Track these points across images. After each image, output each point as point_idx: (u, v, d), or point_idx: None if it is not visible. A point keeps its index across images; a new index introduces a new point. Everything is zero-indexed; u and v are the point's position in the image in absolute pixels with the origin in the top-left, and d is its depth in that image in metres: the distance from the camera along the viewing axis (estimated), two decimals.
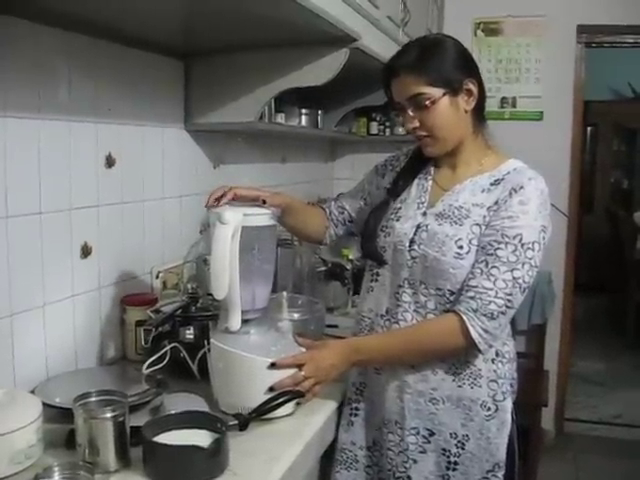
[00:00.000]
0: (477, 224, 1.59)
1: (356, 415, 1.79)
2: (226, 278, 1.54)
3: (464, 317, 1.52)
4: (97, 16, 1.72)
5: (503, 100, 3.96)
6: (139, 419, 1.44)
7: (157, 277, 2.24)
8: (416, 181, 1.77)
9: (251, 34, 2.04)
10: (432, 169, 1.77)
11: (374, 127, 3.86)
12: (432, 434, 1.66)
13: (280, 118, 2.70)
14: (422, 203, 1.72)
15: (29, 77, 1.67)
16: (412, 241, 1.66)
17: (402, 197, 1.77)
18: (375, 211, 1.81)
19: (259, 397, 1.53)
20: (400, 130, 3.83)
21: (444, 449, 1.65)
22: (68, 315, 1.86)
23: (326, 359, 1.60)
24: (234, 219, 1.54)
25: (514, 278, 1.51)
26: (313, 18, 1.78)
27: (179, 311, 1.92)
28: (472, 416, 1.63)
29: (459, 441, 1.64)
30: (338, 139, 3.93)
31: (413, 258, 1.65)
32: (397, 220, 1.72)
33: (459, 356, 1.62)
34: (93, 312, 1.96)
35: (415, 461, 1.67)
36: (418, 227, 1.67)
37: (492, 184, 1.63)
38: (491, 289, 1.51)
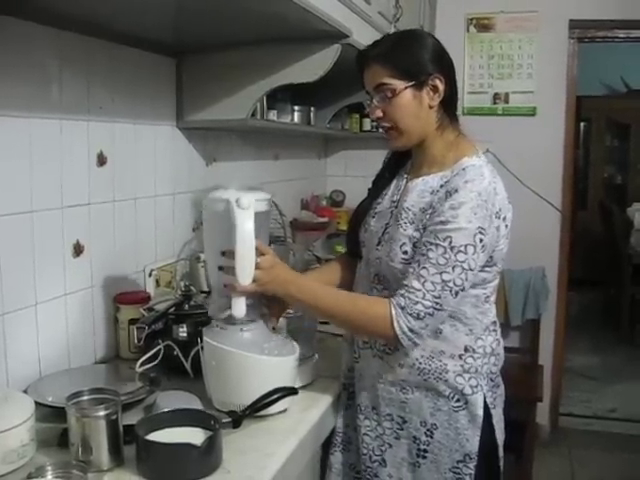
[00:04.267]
0: (417, 229, 1.60)
1: (352, 399, 1.82)
2: (252, 263, 1.53)
3: (393, 311, 1.51)
4: (89, 14, 1.72)
5: (496, 96, 3.96)
6: (132, 417, 1.45)
7: (150, 275, 2.23)
8: (396, 178, 1.79)
9: (243, 31, 2.04)
10: (409, 168, 1.78)
11: (367, 124, 3.85)
12: (404, 421, 1.68)
13: (272, 115, 2.69)
14: (394, 202, 1.73)
15: (19, 75, 1.66)
16: (379, 241, 1.70)
17: (383, 193, 1.80)
18: (359, 207, 1.85)
19: (252, 394, 1.53)
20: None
21: (415, 437, 1.67)
22: (60, 314, 1.85)
23: (280, 268, 1.61)
24: (251, 204, 1.53)
25: (443, 281, 1.50)
26: (304, 14, 1.77)
27: (172, 309, 1.92)
28: (439, 406, 1.65)
29: (428, 429, 1.66)
30: (331, 136, 3.92)
31: (378, 258, 1.69)
32: (373, 217, 1.77)
33: (389, 344, 1.64)
34: (86, 311, 1.96)
35: (390, 445, 1.70)
36: (386, 226, 1.70)
37: (442, 185, 1.61)
38: (419, 290, 1.50)
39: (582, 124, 7.46)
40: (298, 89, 2.45)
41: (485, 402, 1.66)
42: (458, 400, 1.64)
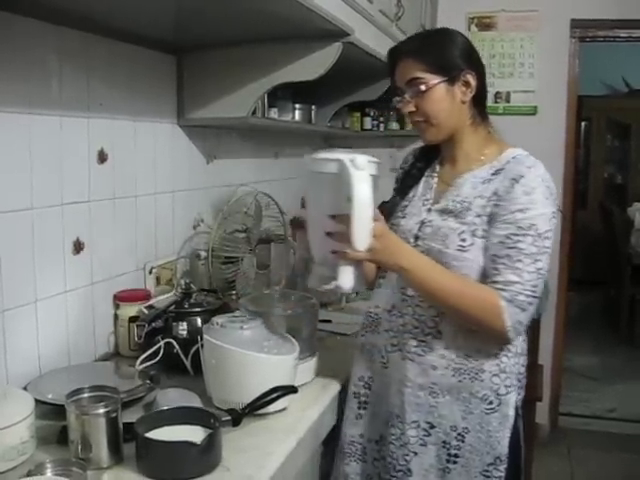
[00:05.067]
0: (478, 215, 1.59)
1: (365, 408, 1.79)
2: (369, 229, 1.46)
3: (502, 302, 1.51)
4: (89, 11, 1.72)
5: (497, 95, 3.95)
6: (132, 415, 1.44)
7: (150, 273, 2.23)
8: (423, 179, 1.79)
9: (244, 29, 2.03)
10: (437, 166, 1.79)
11: (368, 122, 3.85)
12: (432, 427, 1.65)
13: (273, 113, 2.69)
14: (427, 200, 1.74)
15: (19, 71, 1.66)
16: (416, 237, 1.68)
17: (410, 195, 1.80)
18: (383, 206, 1.80)
19: (252, 393, 1.53)
20: (394, 125, 3.83)
21: (444, 442, 1.65)
22: (61, 311, 1.85)
23: (392, 237, 1.57)
24: (367, 165, 1.44)
25: (537, 269, 1.52)
26: (306, 12, 1.77)
27: (172, 307, 1.92)
28: (472, 409, 1.63)
29: (459, 434, 1.63)
30: (331, 134, 3.91)
31: (423, 251, 1.65)
32: (403, 217, 1.76)
33: (487, 338, 1.61)
34: (86, 308, 1.95)
35: (416, 453, 1.66)
36: (422, 223, 1.69)
37: (493, 174, 1.63)
38: (518, 282, 1.51)
39: (583, 124, 7.45)
40: (299, 87, 2.44)
41: (515, 402, 1.67)
42: (491, 402, 1.63)
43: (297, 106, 2.90)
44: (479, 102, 1.70)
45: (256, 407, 1.51)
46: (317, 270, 1.58)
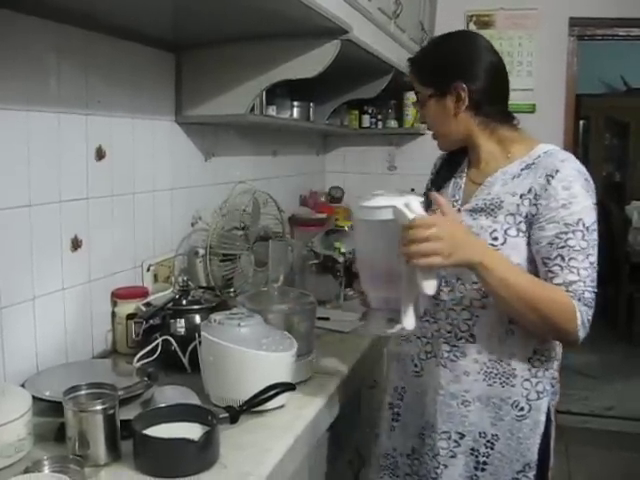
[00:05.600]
0: (511, 214, 1.56)
1: (397, 420, 1.78)
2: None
3: (574, 302, 1.46)
4: (89, 8, 1.72)
5: None
6: (130, 412, 1.44)
7: (148, 270, 2.23)
8: (452, 180, 1.76)
9: (242, 26, 2.03)
10: (465, 168, 1.76)
11: (366, 120, 3.85)
12: (462, 436, 1.63)
13: (271, 110, 2.69)
14: (457, 200, 1.70)
15: (17, 68, 1.66)
16: None
17: (441, 193, 1.74)
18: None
19: (250, 390, 1.53)
20: (392, 123, 3.84)
21: (473, 449, 1.63)
22: (58, 308, 1.85)
23: (461, 233, 1.43)
24: (419, 208, 1.39)
25: (591, 263, 1.49)
26: (304, 10, 1.77)
27: (170, 304, 1.92)
28: (502, 415, 1.60)
29: (488, 441, 1.61)
30: (330, 132, 3.92)
31: None
32: None
33: (551, 342, 1.61)
34: (83, 305, 1.95)
35: (446, 466, 1.64)
36: None
37: (523, 169, 1.59)
38: (579, 280, 1.47)
39: (581, 122, 7.45)
40: (297, 85, 2.44)
41: (548, 408, 1.63)
42: (522, 409, 1.60)
43: (295, 104, 2.90)
44: (483, 110, 1.64)
45: (254, 404, 1.51)
46: (377, 315, 1.53)
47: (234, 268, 2.35)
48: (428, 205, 1.57)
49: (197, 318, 1.88)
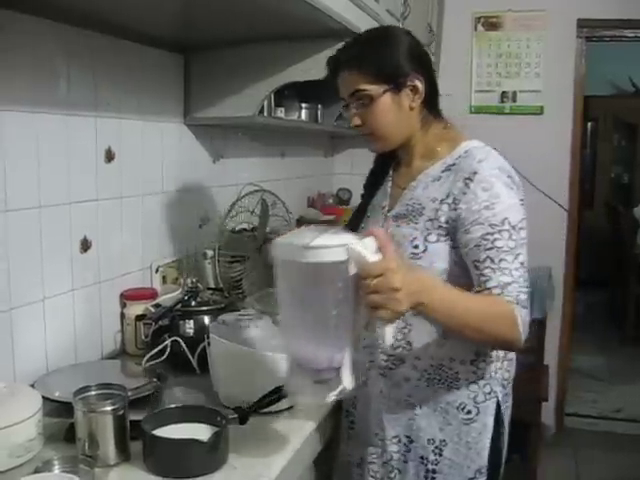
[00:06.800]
0: (430, 219, 1.51)
1: (352, 429, 1.74)
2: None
3: (512, 306, 1.38)
4: (97, 10, 1.72)
5: (503, 94, 3.95)
6: (139, 413, 1.44)
7: (157, 271, 2.24)
8: (383, 184, 1.72)
9: (251, 28, 2.03)
10: (391, 171, 1.71)
11: None
12: (412, 441, 1.58)
13: (280, 112, 2.69)
14: (383, 207, 1.67)
15: (27, 71, 1.67)
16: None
17: (372, 202, 1.74)
18: (352, 220, 1.79)
19: (259, 391, 1.53)
20: None
21: (422, 457, 1.57)
22: (68, 309, 1.86)
23: (411, 276, 1.24)
24: (373, 246, 1.21)
25: (521, 263, 1.42)
26: (313, 11, 1.77)
27: (179, 305, 1.92)
28: (449, 420, 1.55)
29: (437, 447, 1.56)
30: (338, 134, 3.91)
31: None
32: (362, 228, 1.71)
33: (504, 347, 1.52)
34: (93, 306, 1.96)
35: (399, 471, 1.60)
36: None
37: (444, 171, 1.54)
38: (513, 282, 1.39)
39: (589, 124, 7.44)
40: (306, 86, 2.44)
41: (496, 410, 1.57)
42: (469, 412, 1.55)
43: (304, 105, 2.90)
44: (430, 103, 1.60)
45: (263, 405, 1.51)
46: (306, 380, 1.26)
47: (242, 270, 2.36)
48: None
49: (206, 319, 1.88)
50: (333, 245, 1.18)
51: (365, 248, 1.17)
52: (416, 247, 1.51)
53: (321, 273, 1.19)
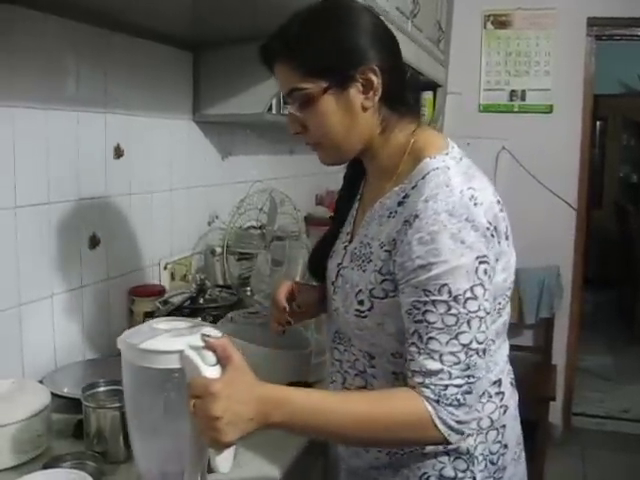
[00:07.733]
0: (375, 270, 1.16)
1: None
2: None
3: (429, 407, 1.04)
4: (107, 7, 1.72)
5: (512, 93, 3.95)
6: None
7: (165, 268, 2.24)
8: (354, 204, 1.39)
9: (260, 25, 2.02)
10: (361, 186, 1.38)
11: None
12: None
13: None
14: (347, 234, 1.34)
15: (37, 67, 1.67)
16: (334, 287, 1.30)
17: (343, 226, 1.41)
18: (317, 249, 1.48)
19: None
20: None
21: None
22: (76, 306, 1.86)
23: (242, 396, 1.01)
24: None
25: (463, 345, 1.05)
26: None
27: (187, 302, 1.93)
28: None
29: None
30: None
31: (335, 309, 1.28)
32: (331, 256, 1.38)
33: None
34: (101, 303, 1.96)
35: None
36: (339, 267, 1.30)
37: (400, 202, 1.17)
38: (440, 370, 1.05)
39: (598, 123, 7.41)
40: None
41: None
42: None
43: None
44: (393, 99, 1.21)
45: None
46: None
47: (251, 267, 2.36)
48: None
49: (214, 316, 1.88)
50: (165, 350, 1.03)
51: (203, 357, 1.01)
52: (361, 303, 1.19)
53: (150, 379, 1.06)
